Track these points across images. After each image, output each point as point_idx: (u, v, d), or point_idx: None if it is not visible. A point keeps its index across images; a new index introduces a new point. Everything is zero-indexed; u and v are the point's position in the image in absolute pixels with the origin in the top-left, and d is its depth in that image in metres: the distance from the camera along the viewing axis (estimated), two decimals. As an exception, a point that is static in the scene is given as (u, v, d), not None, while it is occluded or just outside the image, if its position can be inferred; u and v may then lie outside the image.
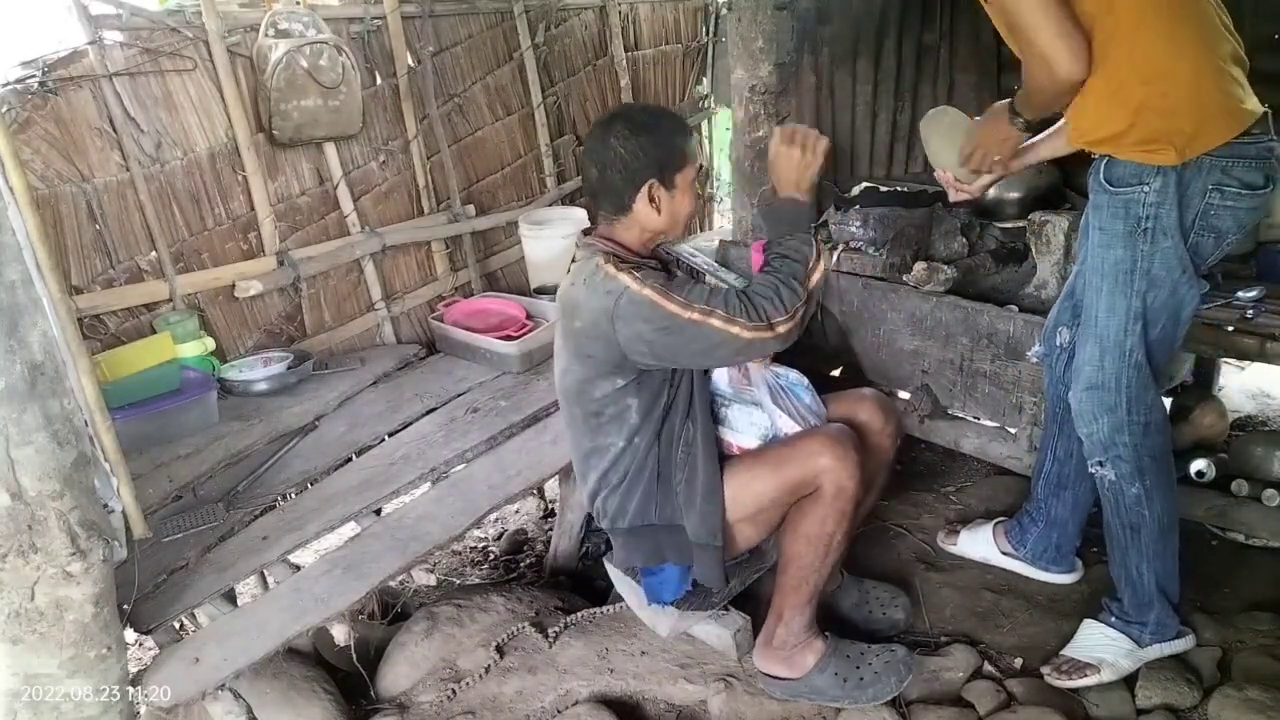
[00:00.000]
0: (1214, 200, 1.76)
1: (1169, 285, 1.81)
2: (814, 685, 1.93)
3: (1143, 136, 1.72)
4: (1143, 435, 1.90)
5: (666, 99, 4.46)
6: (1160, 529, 1.96)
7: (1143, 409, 1.89)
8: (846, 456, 1.83)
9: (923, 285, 2.85)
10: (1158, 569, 1.98)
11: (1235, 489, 2.44)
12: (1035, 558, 2.34)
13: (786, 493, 1.87)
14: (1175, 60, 1.68)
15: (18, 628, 1.63)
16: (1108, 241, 1.83)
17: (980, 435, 2.83)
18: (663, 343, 1.78)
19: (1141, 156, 1.74)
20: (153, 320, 2.70)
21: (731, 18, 3.29)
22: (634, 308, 1.76)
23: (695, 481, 1.92)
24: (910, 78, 3.76)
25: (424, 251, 3.46)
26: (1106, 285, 1.85)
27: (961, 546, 2.47)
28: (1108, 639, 2.02)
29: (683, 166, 1.84)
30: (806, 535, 1.87)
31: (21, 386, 1.54)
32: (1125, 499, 1.95)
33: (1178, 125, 1.69)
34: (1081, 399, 1.93)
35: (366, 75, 3.15)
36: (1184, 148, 1.70)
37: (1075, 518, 2.27)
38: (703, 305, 1.76)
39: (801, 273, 1.81)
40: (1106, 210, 1.83)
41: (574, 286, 1.88)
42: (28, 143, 2.42)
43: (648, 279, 1.77)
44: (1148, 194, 1.76)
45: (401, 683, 2.14)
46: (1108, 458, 1.93)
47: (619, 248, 1.88)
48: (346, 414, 2.78)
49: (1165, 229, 1.77)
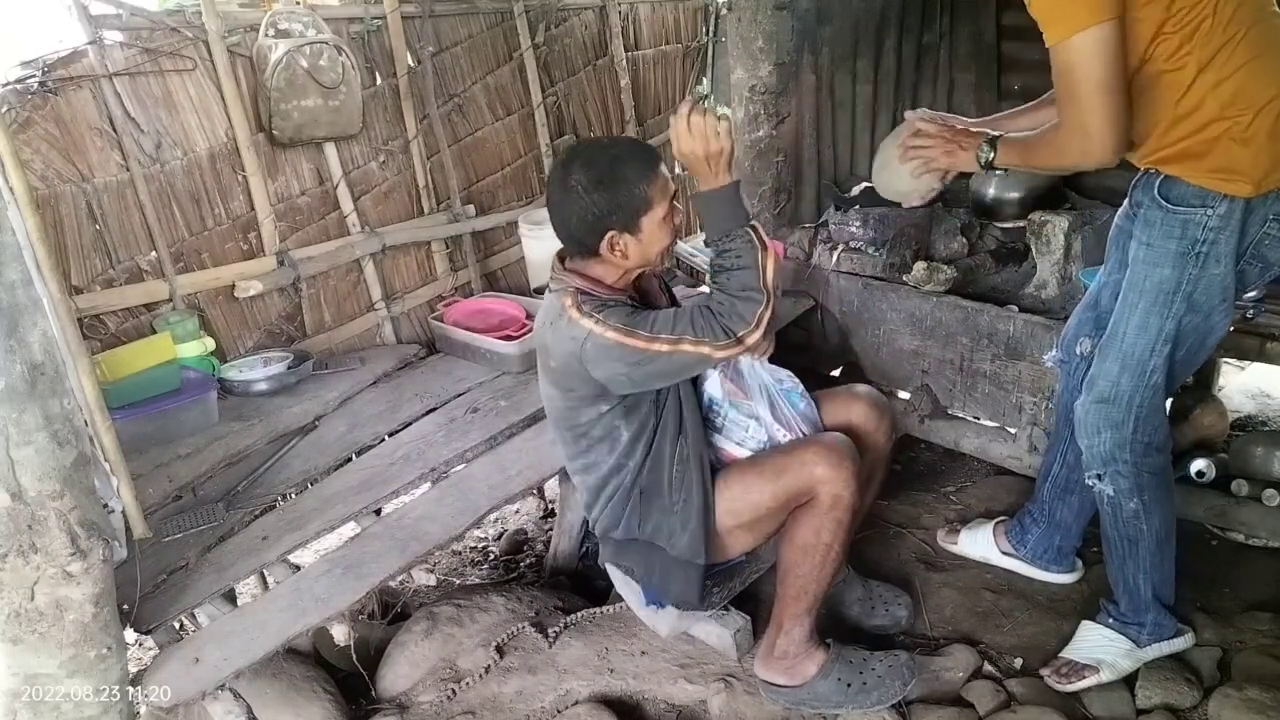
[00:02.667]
0: (1271, 231, 1.74)
1: (1206, 311, 1.79)
2: (817, 692, 1.93)
3: (1220, 165, 1.68)
4: (1144, 454, 1.89)
5: (666, 99, 4.46)
6: (1157, 542, 1.96)
7: (1149, 429, 1.88)
8: (843, 466, 1.82)
9: (923, 285, 2.85)
10: (1154, 579, 1.99)
11: (1235, 489, 2.44)
12: (1036, 557, 2.34)
13: (782, 501, 1.87)
14: (1258, 93, 1.65)
15: (18, 628, 1.63)
16: (1155, 259, 1.78)
17: (980, 435, 2.83)
18: (640, 374, 1.79)
19: (1214, 183, 1.70)
20: (153, 320, 2.70)
21: (731, 18, 3.29)
22: (601, 351, 1.76)
23: (691, 500, 1.91)
24: (910, 78, 3.76)
25: (424, 251, 3.46)
26: (1144, 303, 1.81)
27: (962, 546, 2.47)
28: (1106, 640, 2.02)
29: (648, 209, 1.77)
30: (803, 545, 1.87)
31: (21, 386, 1.54)
32: (1123, 513, 1.94)
33: (1259, 157, 1.66)
34: (1089, 410, 1.91)
35: (366, 75, 3.15)
36: (1261, 180, 1.68)
37: (1079, 521, 2.27)
38: (669, 335, 1.73)
39: (753, 278, 1.74)
40: (1160, 228, 1.77)
41: (543, 328, 1.87)
42: (28, 143, 2.42)
43: (610, 318, 1.74)
44: (1209, 218, 1.71)
45: (401, 683, 2.14)
46: (1107, 472, 1.92)
47: (590, 283, 1.83)
48: (346, 414, 2.78)
49: (1220, 255, 1.73)
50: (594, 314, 1.76)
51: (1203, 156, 1.69)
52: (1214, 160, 1.68)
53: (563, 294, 1.82)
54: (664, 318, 1.76)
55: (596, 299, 1.80)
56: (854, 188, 3.30)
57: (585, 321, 1.75)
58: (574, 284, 1.82)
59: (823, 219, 3.35)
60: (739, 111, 3.35)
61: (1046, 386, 2.63)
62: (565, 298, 1.80)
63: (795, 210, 3.48)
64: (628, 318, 1.76)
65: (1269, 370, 3.13)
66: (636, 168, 1.76)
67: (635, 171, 1.76)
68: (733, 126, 1.78)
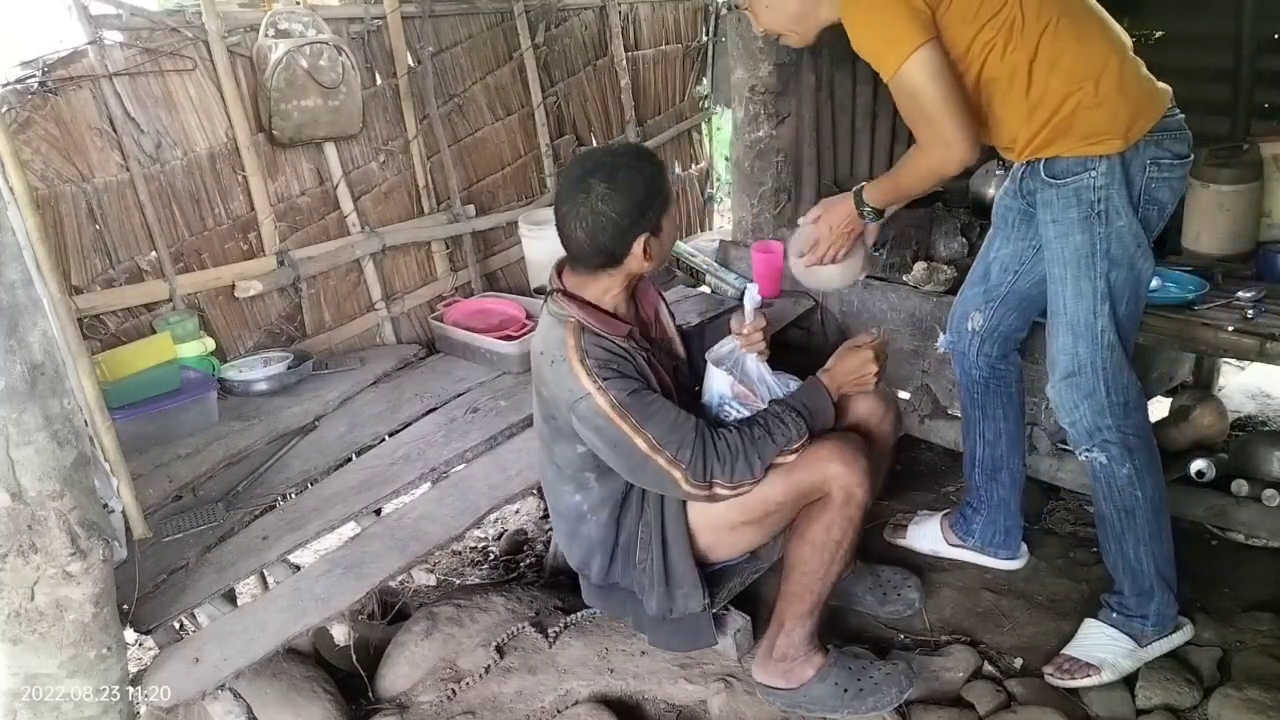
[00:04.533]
0: (1153, 174, 1.86)
1: (1127, 262, 1.88)
2: (813, 695, 1.93)
3: (1086, 131, 1.83)
4: (1124, 415, 1.94)
5: (666, 99, 4.46)
6: (1153, 508, 1.98)
7: (1120, 388, 1.93)
8: (856, 463, 1.82)
9: (923, 285, 2.85)
10: (1155, 551, 1.99)
11: (1235, 489, 2.44)
12: (985, 544, 2.40)
13: (794, 497, 1.87)
14: (1093, 60, 1.81)
15: (18, 628, 1.63)
16: (1064, 231, 1.89)
17: (980, 435, 2.83)
18: (608, 454, 1.81)
19: (1088, 149, 1.83)
20: (153, 320, 2.70)
21: (731, 18, 3.29)
22: (591, 416, 1.77)
23: (655, 563, 1.94)
24: (910, 78, 3.75)
25: (424, 251, 3.46)
26: (1070, 272, 1.91)
27: (910, 540, 2.51)
28: (1109, 639, 2.02)
29: (667, 207, 1.83)
30: (813, 541, 1.87)
31: (21, 386, 1.54)
32: (1117, 481, 1.97)
33: (1116, 114, 1.81)
34: (1060, 389, 1.98)
35: (366, 75, 3.15)
36: (1126, 133, 1.82)
37: (1015, 494, 2.34)
38: (653, 439, 1.74)
39: (771, 454, 1.79)
40: (1058, 203, 1.89)
41: (541, 355, 1.85)
42: (28, 143, 2.42)
43: (611, 388, 1.74)
44: (1095, 178, 1.84)
45: (401, 683, 2.14)
46: (1094, 443, 1.97)
47: (590, 312, 1.82)
48: (346, 414, 2.78)
49: (1118, 208, 1.85)
50: (598, 377, 1.75)
51: (1069, 131, 1.84)
52: (1079, 130, 1.83)
53: (564, 326, 1.81)
54: (663, 416, 1.76)
55: (602, 351, 1.78)
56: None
57: (586, 382, 1.75)
58: (574, 315, 1.81)
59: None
60: (739, 111, 3.35)
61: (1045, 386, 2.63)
62: (569, 336, 1.79)
63: (795, 210, 3.48)
64: (629, 395, 1.75)
65: (1269, 370, 3.13)
66: (652, 170, 1.81)
67: (653, 173, 1.80)
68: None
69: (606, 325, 1.83)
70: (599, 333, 1.80)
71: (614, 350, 1.80)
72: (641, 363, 1.84)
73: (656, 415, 1.76)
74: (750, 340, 1.95)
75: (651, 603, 1.97)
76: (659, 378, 1.89)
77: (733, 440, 1.78)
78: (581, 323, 1.80)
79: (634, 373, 1.80)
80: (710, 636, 2.05)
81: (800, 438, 1.81)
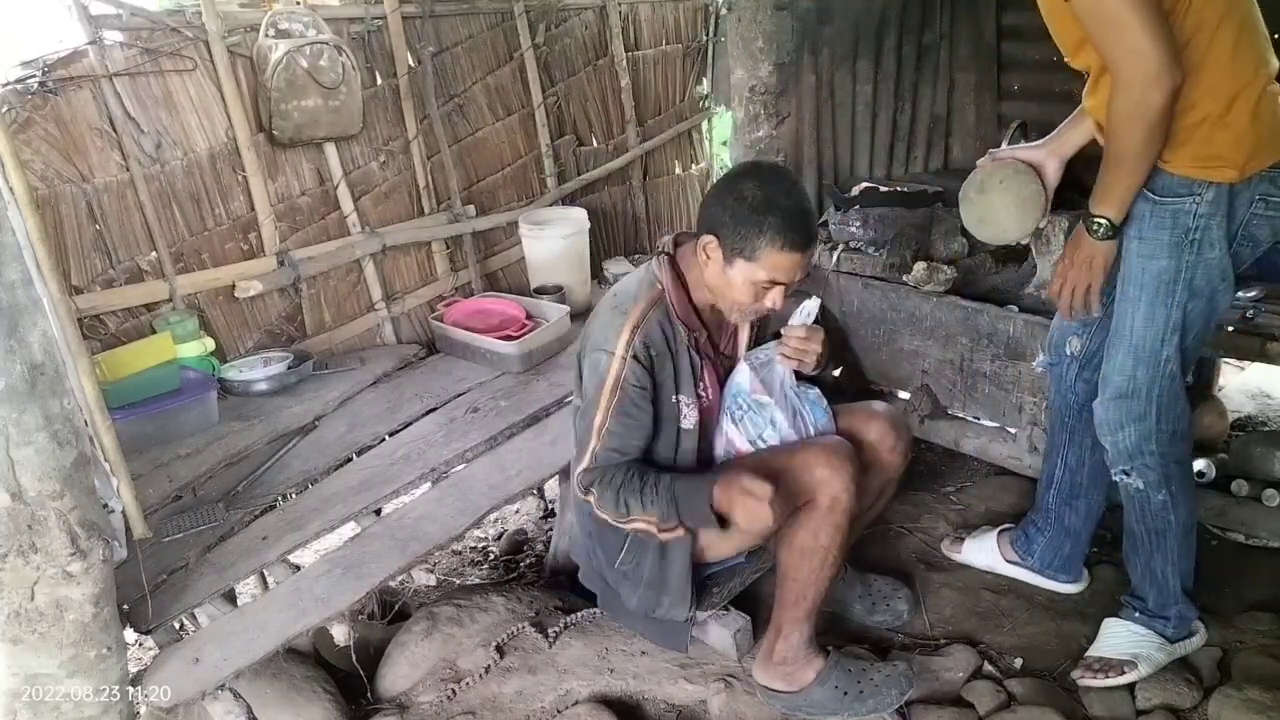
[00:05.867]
0: (1258, 210, 1.73)
1: (1208, 294, 1.78)
2: (813, 699, 1.92)
3: (1203, 152, 1.67)
4: (1170, 444, 1.88)
5: (666, 99, 4.46)
6: (1184, 531, 1.96)
7: (1172, 417, 1.87)
8: (842, 469, 1.82)
9: (923, 285, 2.85)
10: (1181, 569, 1.98)
11: (1235, 489, 2.44)
12: (1044, 566, 2.30)
13: None
14: (1239, 76, 1.64)
15: (18, 628, 1.63)
16: (1150, 252, 1.77)
17: (980, 435, 2.83)
18: (580, 399, 1.91)
19: (1200, 172, 1.69)
20: (153, 320, 2.70)
21: (731, 18, 3.29)
22: (597, 368, 1.82)
23: (640, 572, 1.97)
24: (910, 78, 3.76)
25: (424, 251, 3.46)
26: (1146, 296, 1.80)
27: (966, 554, 2.44)
28: (1138, 635, 2.00)
29: (752, 260, 1.74)
30: (801, 547, 1.86)
31: (21, 386, 1.54)
32: (1151, 505, 1.93)
33: (1240, 141, 1.66)
34: (1109, 407, 1.90)
35: (366, 75, 3.15)
36: (1245, 164, 1.67)
37: (1089, 526, 2.25)
38: (605, 428, 1.81)
39: (636, 512, 1.80)
40: (1150, 220, 1.75)
41: (614, 297, 1.89)
42: (28, 143, 2.42)
43: (626, 371, 1.78)
44: (1199, 205, 1.70)
45: (401, 683, 2.14)
46: (1133, 465, 1.91)
47: (676, 285, 1.85)
48: (346, 414, 2.78)
49: (1213, 240, 1.72)
50: (630, 351, 1.79)
51: (1185, 144, 1.68)
52: (1196, 148, 1.67)
53: (649, 288, 1.85)
54: (630, 427, 1.81)
55: (659, 336, 1.82)
56: (854, 188, 3.30)
57: (620, 345, 1.79)
58: (664, 279, 1.85)
59: (823, 219, 3.34)
60: (739, 111, 3.35)
61: (1046, 387, 2.63)
62: (644, 300, 1.83)
63: (795, 210, 3.47)
64: (633, 387, 1.79)
65: (1269, 370, 3.13)
66: (780, 227, 1.71)
67: (776, 228, 1.71)
68: None
69: (682, 310, 1.86)
70: (669, 316, 1.84)
71: (667, 339, 1.84)
72: (685, 363, 1.87)
73: (627, 422, 1.82)
74: (788, 346, 1.94)
75: (633, 599, 2.01)
76: (708, 384, 1.93)
77: (623, 478, 1.82)
78: (663, 295, 1.85)
79: (666, 371, 1.85)
80: (684, 643, 2.07)
81: (664, 520, 1.81)
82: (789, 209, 1.72)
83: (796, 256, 1.74)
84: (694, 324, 1.88)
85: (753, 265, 1.75)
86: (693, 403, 1.89)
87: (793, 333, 1.93)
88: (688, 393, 1.88)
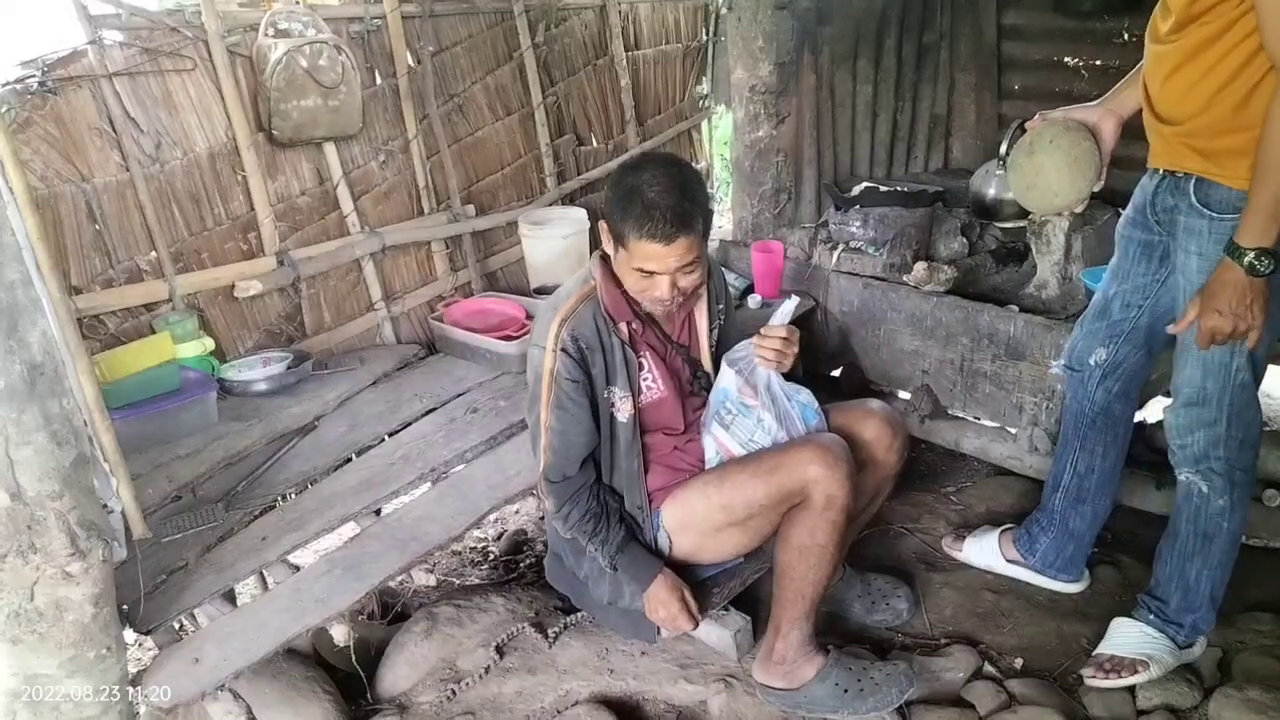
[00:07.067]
0: None
1: (1274, 305, 1.70)
2: (813, 696, 1.92)
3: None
4: (1238, 451, 1.87)
5: (666, 99, 4.47)
6: (1232, 539, 1.95)
7: (1243, 425, 1.85)
8: (836, 466, 1.81)
9: (923, 285, 2.85)
10: (1217, 576, 1.97)
11: (1235, 489, 2.43)
12: (1045, 566, 2.31)
13: (775, 500, 1.87)
14: None
15: (17, 628, 1.63)
16: (1211, 268, 1.70)
17: (981, 435, 2.83)
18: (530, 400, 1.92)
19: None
20: (152, 320, 2.70)
21: (731, 18, 3.29)
22: (533, 366, 1.89)
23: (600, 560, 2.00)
24: (910, 78, 3.76)
25: (424, 251, 3.46)
26: None
27: (967, 553, 2.44)
28: (1150, 636, 2.00)
29: (623, 244, 1.77)
30: (798, 546, 1.87)
31: (21, 386, 1.54)
32: (1209, 508, 1.92)
33: None
34: (1179, 414, 1.89)
35: (366, 75, 3.15)
36: None
37: (1093, 530, 2.25)
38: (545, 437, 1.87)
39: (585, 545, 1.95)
40: (1209, 236, 1.72)
41: (551, 297, 1.95)
42: (28, 143, 2.42)
43: (557, 361, 1.83)
44: None
45: (401, 683, 2.14)
46: (1199, 469, 1.90)
47: (607, 281, 1.88)
48: (346, 414, 2.77)
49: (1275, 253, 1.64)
50: (556, 345, 1.83)
51: (1245, 154, 1.62)
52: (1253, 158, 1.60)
53: (582, 284, 1.89)
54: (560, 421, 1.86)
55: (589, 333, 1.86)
56: (854, 188, 3.30)
57: (549, 340, 1.84)
58: (596, 274, 1.88)
59: (823, 219, 3.35)
60: (739, 111, 3.35)
61: (1047, 387, 2.63)
62: (575, 297, 1.87)
63: (795, 210, 3.48)
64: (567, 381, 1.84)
65: (1269, 370, 3.12)
66: (641, 217, 1.72)
67: (637, 217, 1.72)
68: None
69: (611, 301, 1.88)
70: (601, 313, 1.87)
71: (599, 331, 1.87)
72: (618, 356, 1.89)
73: (564, 415, 1.86)
74: (763, 344, 1.93)
75: (601, 590, 2.04)
76: (657, 375, 1.94)
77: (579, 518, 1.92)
78: (595, 290, 1.87)
79: (598, 364, 1.87)
80: (652, 634, 2.07)
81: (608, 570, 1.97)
82: (651, 200, 1.72)
83: (658, 247, 1.73)
84: (624, 314, 1.89)
85: (627, 253, 1.79)
86: (626, 395, 1.90)
87: (770, 333, 1.93)
88: (620, 384, 1.90)
